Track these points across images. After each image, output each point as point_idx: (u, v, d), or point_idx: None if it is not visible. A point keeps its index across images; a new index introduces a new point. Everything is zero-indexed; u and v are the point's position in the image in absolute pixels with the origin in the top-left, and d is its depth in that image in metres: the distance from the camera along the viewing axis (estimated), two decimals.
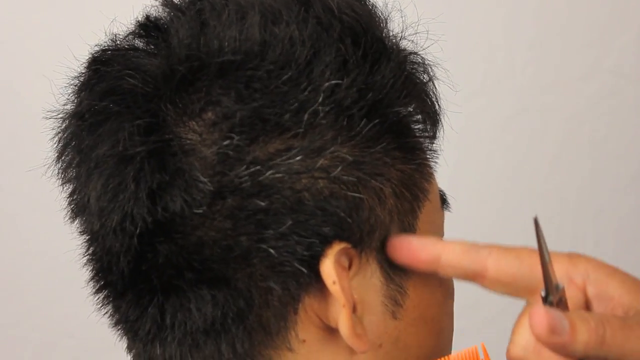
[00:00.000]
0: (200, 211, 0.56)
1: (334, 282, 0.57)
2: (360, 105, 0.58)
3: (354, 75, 0.58)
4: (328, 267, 0.57)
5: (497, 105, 1.38)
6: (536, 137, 1.39)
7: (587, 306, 0.58)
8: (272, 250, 0.56)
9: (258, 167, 0.56)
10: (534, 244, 1.49)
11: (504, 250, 0.59)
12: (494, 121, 1.38)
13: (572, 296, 0.57)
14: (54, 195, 0.64)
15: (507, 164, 1.40)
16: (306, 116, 0.57)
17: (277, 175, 0.56)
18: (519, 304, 1.42)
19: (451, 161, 1.41)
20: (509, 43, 1.36)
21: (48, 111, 0.63)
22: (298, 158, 0.57)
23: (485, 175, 1.40)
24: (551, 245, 1.49)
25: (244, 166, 0.56)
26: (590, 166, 1.39)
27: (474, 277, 0.59)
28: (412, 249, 0.59)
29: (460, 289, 1.40)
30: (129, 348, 0.62)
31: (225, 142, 0.56)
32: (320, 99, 0.57)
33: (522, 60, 1.36)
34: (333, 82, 0.57)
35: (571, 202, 1.39)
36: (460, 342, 1.40)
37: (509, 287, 0.59)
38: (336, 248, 0.57)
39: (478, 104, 1.38)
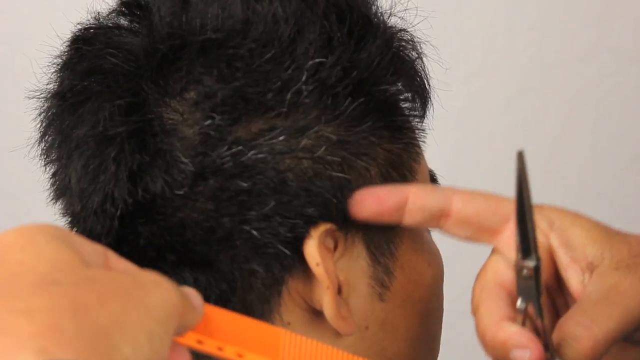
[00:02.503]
0: (182, 192, 0.56)
1: (317, 264, 0.56)
2: (345, 84, 0.57)
3: (339, 53, 0.57)
4: (312, 249, 0.56)
5: (498, 86, 1.37)
6: (537, 118, 1.38)
7: (551, 255, 0.56)
8: (254, 232, 0.55)
9: (240, 148, 0.55)
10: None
11: (471, 190, 0.58)
12: (495, 102, 1.37)
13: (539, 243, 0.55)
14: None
15: (507, 145, 1.39)
16: (289, 95, 0.56)
17: (260, 155, 0.55)
18: None
19: (451, 142, 1.41)
20: (509, 23, 1.35)
21: (30, 91, 0.62)
22: (281, 138, 0.56)
23: (485, 157, 1.39)
24: None
25: (226, 146, 0.55)
26: (592, 147, 1.38)
27: (440, 217, 0.58)
28: (378, 196, 0.57)
29: (461, 269, 1.40)
30: None
31: (207, 122, 0.55)
32: (304, 78, 0.56)
33: (523, 40, 1.35)
34: (317, 60, 0.56)
35: (572, 184, 1.38)
36: (462, 324, 1.40)
37: (472, 228, 0.58)
38: (320, 229, 0.56)
39: (478, 84, 1.36)
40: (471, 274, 1.46)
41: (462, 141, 1.38)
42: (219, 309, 0.49)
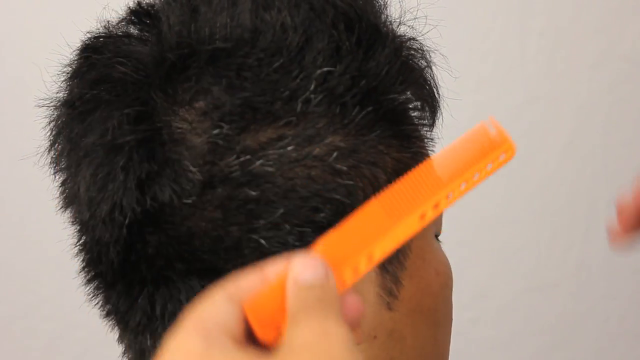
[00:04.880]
0: (190, 201, 0.56)
1: None
2: (354, 93, 0.57)
3: (347, 62, 0.57)
4: None
5: (508, 94, 1.37)
6: (547, 126, 1.37)
7: None
8: (263, 241, 0.55)
9: (248, 157, 0.55)
10: (548, 231, 1.48)
11: None
12: (505, 110, 1.36)
13: None
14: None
15: (518, 152, 1.39)
16: (298, 104, 0.56)
17: (269, 164, 0.55)
18: (531, 293, 1.40)
19: None
20: (519, 31, 1.34)
21: (40, 99, 0.63)
22: (290, 147, 0.56)
23: None
24: (563, 236, 1.48)
25: (235, 155, 0.55)
26: (602, 155, 1.37)
27: None
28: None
29: (471, 278, 1.40)
30: (120, 339, 0.61)
31: (215, 131, 0.55)
32: (312, 87, 0.56)
33: (533, 48, 1.35)
34: (325, 69, 0.56)
35: (583, 192, 1.38)
36: (472, 332, 1.39)
37: None
38: None
39: (488, 92, 1.36)
40: (481, 281, 1.46)
41: None
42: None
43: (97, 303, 0.61)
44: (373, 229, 0.49)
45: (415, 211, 0.50)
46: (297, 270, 0.47)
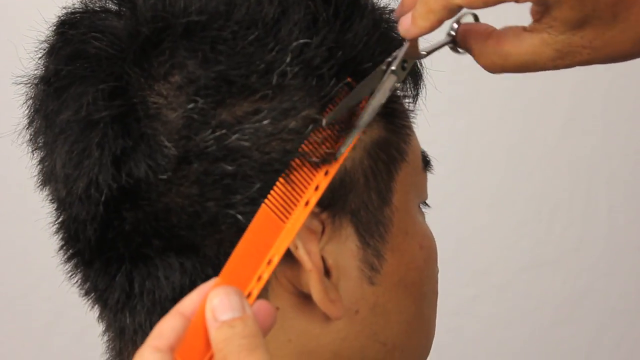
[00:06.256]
0: (166, 177, 0.55)
1: (296, 247, 0.55)
2: (331, 65, 0.56)
3: (324, 34, 0.56)
4: None
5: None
6: (547, 103, 1.36)
7: None
8: (240, 217, 0.55)
9: (224, 131, 0.55)
10: (548, 209, 1.47)
11: None
12: (504, 85, 1.35)
13: None
14: None
15: (517, 129, 1.38)
16: (274, 77, 0.55)
17: (244, 138, 0.55)
18: (531, 271, 1.39)
19: (462, 125, 1.39)
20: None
21: (18, 76, 0.62)
22: (266, 121, 0.55)
23: (497, 139, 1.38)
24: (564, 212, 1.46)
25: (210, 130, 0.55)
26: (603, 131, 1.36)
27: None
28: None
29: (471, 255, 1.39)
30: (100, 317, 0.61)
31: (190, 106, 0.55)
32: (288, 59, 0.55)
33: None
34: (302, 41, 0.55)
35: (583, 169, 1.37)
36: (473, 309, 1.39)
37: None
38: None
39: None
40: (482, 259, 1.45)
41: (473, 124, 1.36)
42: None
43: (77, 281, 0.60)
44: (266, 234, 0.53)
45: (300, 203, 0.54)
46: (214, 304, 0.49)
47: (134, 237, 0.56)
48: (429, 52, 0.60)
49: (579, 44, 0.57)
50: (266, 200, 0.53)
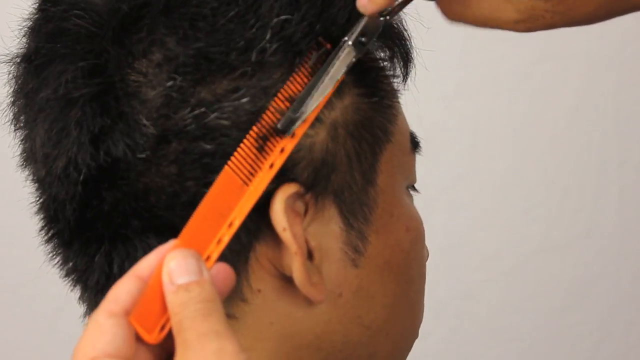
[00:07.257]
0: (144, 156, 0.54)
1: (284, 229, 0.54)
2: (309, 40, 0.55)
3: (305, 9, 0.55)
4: (278, 213, 0.54)
5: (519, 52, 1.34)
6: (559, 84, 1.35)
7: None
8: None
9: (203, 109, 0.54)
10: (558, 193, 1.45)
11: None
12: (514, 69, 1.34)
13: None
14: None
15: (529, 111, 1.37)
16: (254, 54, 0.54)
17: (224, 116, 0.54)
18: (541, 255, 1.38)
19: (471, 109, 1.38)
20: None
21: (1, 55, 0.61)
22: (245, 99, 0.54)
23: (507, 122, 1.37)
24: (574, 197, 1.44)
25: (189, 108, 0.54)
26: (613, 115, 1.34)
27: None
28: None
29: (481, 240, 1.38)
30: (81, 299, 0.60)
31: (169, 84, 0.54)
32: (268, 36, 0.54)
33: None
34: (282, 17, 0.54)
35: (593, 152, 1.35)
36: (483, 294, 1.37)
37: None
38: (287, 192, 0.55)
39: (500, 50, 1.34)
40: (491, 243, 1.44)
41: (483, 108, 1.35)
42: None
43: (57, 262, 0.60)
44: (228, 197, 0.52)
45: (264, 166, 0.53)
46: (171, 267, 0.49)
47: (113, 218, 0.55)
48: (392, 15, 0.57)
49: (542, 8, 0.56)
50: (229, 162, 0.52)
